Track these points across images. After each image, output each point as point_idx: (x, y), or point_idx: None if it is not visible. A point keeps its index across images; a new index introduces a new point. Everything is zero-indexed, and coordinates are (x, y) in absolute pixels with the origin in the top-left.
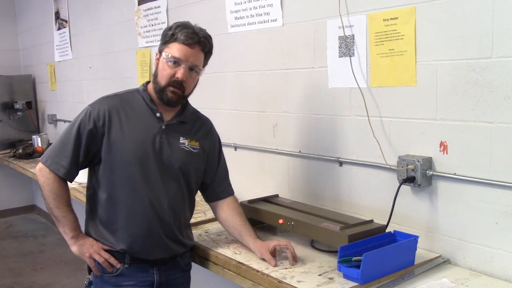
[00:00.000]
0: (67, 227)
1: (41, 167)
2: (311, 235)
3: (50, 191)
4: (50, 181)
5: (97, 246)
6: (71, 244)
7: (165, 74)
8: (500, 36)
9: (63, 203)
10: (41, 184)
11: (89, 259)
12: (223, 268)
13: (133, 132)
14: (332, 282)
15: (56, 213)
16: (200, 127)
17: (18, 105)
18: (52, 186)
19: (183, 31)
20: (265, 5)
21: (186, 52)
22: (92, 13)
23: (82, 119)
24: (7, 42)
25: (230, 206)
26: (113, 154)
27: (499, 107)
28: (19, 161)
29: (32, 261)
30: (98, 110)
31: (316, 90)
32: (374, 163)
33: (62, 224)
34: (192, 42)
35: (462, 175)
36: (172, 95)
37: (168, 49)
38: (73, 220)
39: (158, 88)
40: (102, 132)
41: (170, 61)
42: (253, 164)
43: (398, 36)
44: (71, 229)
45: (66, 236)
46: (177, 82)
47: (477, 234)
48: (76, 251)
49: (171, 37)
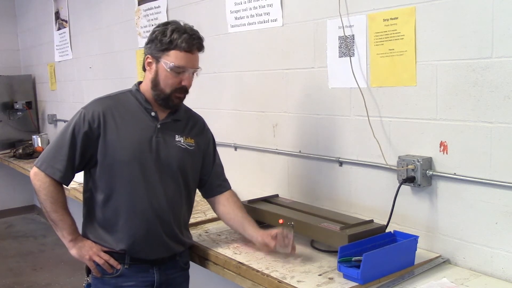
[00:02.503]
0: (65, 230)
1: (36, 171)
2: (311, 235)
3: (46, 195)
4: (46, 185)
5: (96, 248)
6: (70, 248)
7: (170, 83)
8: (500, 36)
9: (60, 207)
10: (37, 188)
11: (89, 261)
12: (223, 268)
13: (129, 132)
14: (332, 282)
15: (53, 217)
16: (194, 125)
17: (18, 105)
18: (48, 190)
19: (182, 38)
20: (265, 5)
21: (190, 59)
22: (92, 13)
23: (76, 122)
24: (7, 42)
25: (230, 200)
26: (110, 155)
27: (499, 107)
28: (19, 161)
29: (32, 261)
30: (93, 112)
31: (316, 90)
32: (374, 163)
33: (60, 227)
34: (193, 48)
35: (462, 175)
36: (178, 100)
37: (169, 57)
38: (70, 223)
39: (163, 95)
40: (98, 134)
41: (174, 70)
42: (253, 164)
43: (398, 36)
44: (69, 233)
45: (64, 239)
46: (183, 89)
47: (477, 234)
48: (76, 254)
49: (169, 44)
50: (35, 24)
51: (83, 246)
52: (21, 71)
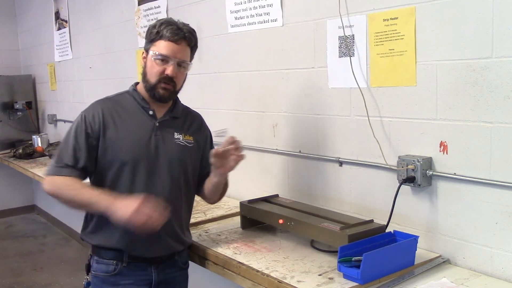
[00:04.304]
0: (100, 203)
1: (46, 180)
2: (311, 235)
3: (61, 189)
4: (57, 182)
5: (137, 203)
6: (117, 217)
7: (154, 72)
8: (500, 36)
9: (79, 187)
10: (52, 193)
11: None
12: (223, 268)
13: (128, 132)
14: (332, 282)
15: (79, 200)
16: (192, 122)
17: (18, 105)
18: (61, 184)
19: (168, 28)
20: (265, 5)
21: (173, 49)
22: (92, 13)
23: (78, 124)
24: (7, 42)
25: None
26: (110, 155)
27: (499, 107)
28: (19, 161)
29: (32, 261)
30: (93, 114)
31: (316, 90)
32: (374, 163)
33: (94, 204)
34: (178, 38)
35: (462, 175)
36: (164, 91)
37: (155, 47)
38: (97, 193)
39: (149, 86)
40: (98, 135)
41: (158, 59)
42: (253, 164)
43: (398, 36)
44: (105, 202)
45: (107, 211)
46: (167, 78)
47: (477, 234)
48: (124, 218)
49: (156, 34)
50: (35, 24)
51: (122, 208)
52: (21, 71)
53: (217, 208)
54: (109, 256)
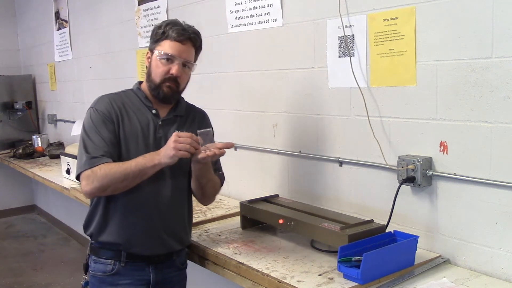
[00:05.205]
0: (149, 162)
1: (82, 178)
2: (311, 235)
3: (107, 174)
4: (97, 173)
5: (171, 139)
6: (167, 159)
7: (159, 71)
8: (500, 36)
9: (121, 164)
10: (100, 185)
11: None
12: (223, 268)
13: (134, 129)
14: (332, 282)
15: (132, 171)
16: (194, 117)
17: (18, 105)
18: (103, 172)
19: (174, 28)
20: (265, 5)
21: (179, 49)
22: (92, 13)
23: (92, 117)
24: (7, 42)
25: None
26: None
27: (499, 107)
28: (19, 161)
29: (32, 261)
30: (104, 105)
31: (316, 90)
32: (374, 163)
33: (146, 165)
34: (184, 38)
35: (462, 175)
36: (168, 89)
37: (160, 46)
38: (139, 158)
39: (154, 85)
40: (117, 122)
41: (163, 58)
42: (253, 164)
43: (398, 36)
44: (152, 157)
45: (159, 162)
46: (172, 78)
47: (477, 234)
48: (173, 153)
49: (162, 35)
50: (35, 24)
51: (164, 150)
52: (21, 71)
53: (217, 208)
54: (107, 256)
